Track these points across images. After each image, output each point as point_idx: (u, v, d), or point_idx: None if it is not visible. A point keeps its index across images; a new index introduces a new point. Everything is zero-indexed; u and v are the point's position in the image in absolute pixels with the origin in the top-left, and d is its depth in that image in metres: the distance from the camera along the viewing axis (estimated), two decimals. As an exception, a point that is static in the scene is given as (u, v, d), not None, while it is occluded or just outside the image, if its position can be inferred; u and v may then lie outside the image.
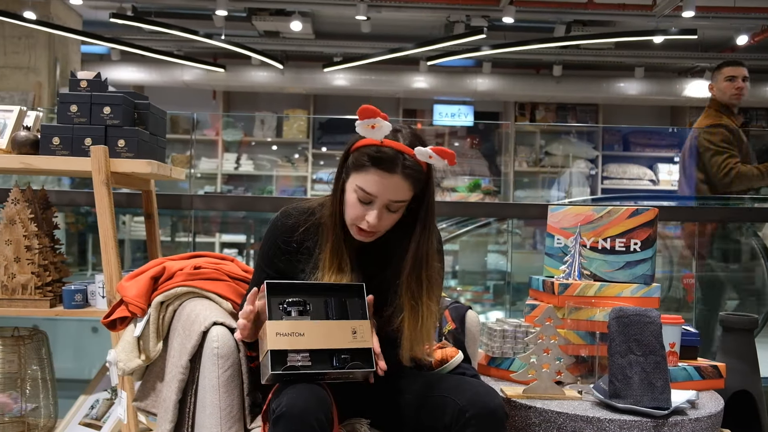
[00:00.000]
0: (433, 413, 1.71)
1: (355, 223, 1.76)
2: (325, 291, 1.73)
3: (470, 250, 6.13)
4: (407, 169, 1.69)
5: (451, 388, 1.72)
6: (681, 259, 5.50)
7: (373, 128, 1.68)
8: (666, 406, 1.85)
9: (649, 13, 6.50)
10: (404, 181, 1.69)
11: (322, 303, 1.71)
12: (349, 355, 1.67)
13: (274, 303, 1.68)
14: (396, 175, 1.68)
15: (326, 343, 1.67)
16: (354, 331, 1.69)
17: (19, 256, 2.49)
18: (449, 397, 1.69)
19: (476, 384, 1.75)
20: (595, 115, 9.27)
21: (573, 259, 2.23)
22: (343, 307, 1.72)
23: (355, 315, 1.72)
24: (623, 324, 1.93)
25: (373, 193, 1.70)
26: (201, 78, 8.30)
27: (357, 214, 1.74)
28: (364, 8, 6.38)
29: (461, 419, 1.65)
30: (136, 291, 1.98)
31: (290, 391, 1.59)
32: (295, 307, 1.69)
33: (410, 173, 1.70)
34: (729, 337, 2.72)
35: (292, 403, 1.56)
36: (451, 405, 1.68)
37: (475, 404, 1.65)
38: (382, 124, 1.68)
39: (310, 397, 1.58)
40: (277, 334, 1.64)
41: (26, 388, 2.71)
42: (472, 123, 8.85)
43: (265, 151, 8.59)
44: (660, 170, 8.64)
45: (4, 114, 2.60)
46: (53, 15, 6.79)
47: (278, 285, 1.71)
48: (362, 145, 1.71)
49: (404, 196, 1.72)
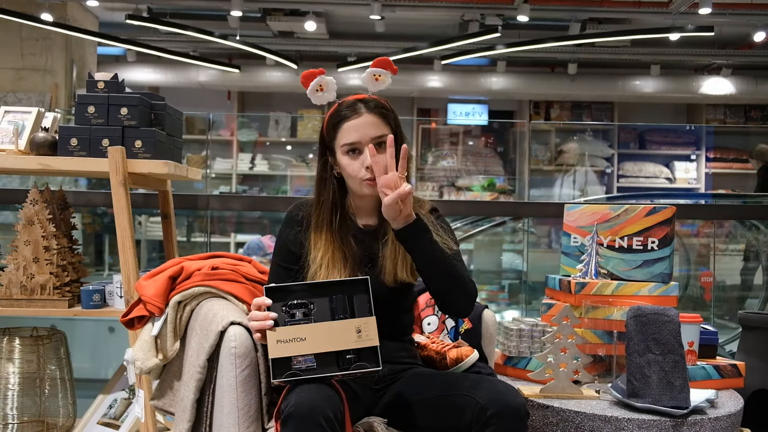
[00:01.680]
0: (454, 412, 1.71)
1: (360, 177, 1.82)
2: (330, 289, 1.71)
3: (485, 249, 6.12)
4: (369, 105, 1.84)
5: (471, 386, 1.72)
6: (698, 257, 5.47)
7: (322, 90, 1.86)
8: (685, 406, 1.84)
9: (665, 10, 6.46)
10: (373, 116, 1.83)
11: (327, 302, 1.70)
12: (354, 354, 1.67)
13: (277, 307, 1.68)
14: (363, 114, 1.83)
15: (329, 345, 1.66)
16: (358, 330, 1.67)
17: (38, 256, 2.51)
18: (470, 396, 1.69)
19: (497, 382, 1.75)
20: (610, 113, 9.22)
21: (590, 258, 2.22)
22: (350, 304, 1.70)
23: (362, 312, 1.69)
24: (641, 323, 1.92)
25: (356, 140, 1.82)
26: (216, 78, 8.33)
27: (356, 167, 1.83)
28: (378, 8, 6.37)
29: (482, 417, 1.64)
30: (154, 290, 1.99)
31: (298, 390, 1.61)
32: (298, 309, 1.68)
33: (374, 108, 1.84)
34: (748, 336, 2.70)
35: (300, 402, 1.57)
36: (471, 403, 1.67)
37: (496, 402, 1.65)
38: (326, 81, 1.85)
39: (317, 396, 1.59)
40: (278, 341, 1.65)
41: (45, 387, 2.73)
42: (486, 122, 8.83)
43: (280, 151, 8.60)
44: (676, 168, 8.58)
45: (23, 115, 2.62)
46: (70, 17, 6.84)
47: (280, 288, 1.71)
48: (328, 118, 1.88)
49: (382, 130, 1.83)
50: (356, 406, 1.76)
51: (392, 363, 1.89)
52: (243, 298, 1.98)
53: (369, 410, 1.84)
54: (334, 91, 1.87)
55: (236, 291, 1.98)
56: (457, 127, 8.67)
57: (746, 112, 9.01)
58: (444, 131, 8.53)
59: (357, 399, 1.78)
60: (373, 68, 1.86)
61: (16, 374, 2.68)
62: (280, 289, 1.71)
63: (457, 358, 2.02)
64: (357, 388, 1.80)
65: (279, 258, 1.92)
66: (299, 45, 8.08)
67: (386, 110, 1.86)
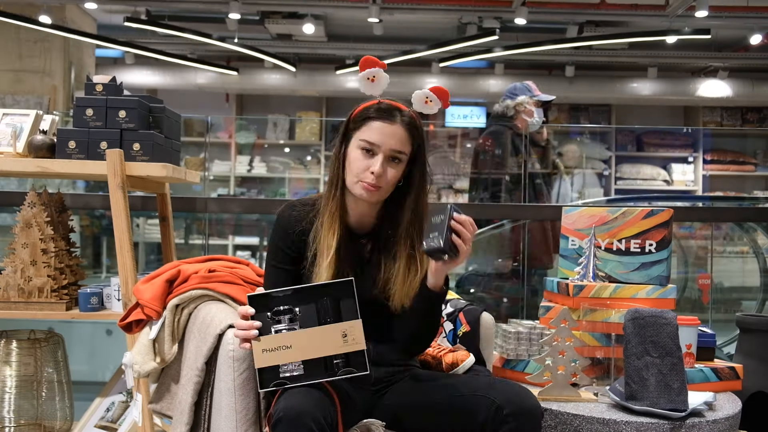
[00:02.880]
0: (466, 412, 1.71)
1: (359, 177, 1.80)
2: (315, 293, 1.70)
3: (483, 251, 6.11)
4: (405, 119, 1.81)
5: (484, 387, 1.73)
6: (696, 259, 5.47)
7: (373, 81, 1.82)
8: (683, 408, 1.84)
9: (662, 13, 6.46)
10: (404, 130, 1.80)
11: (313, 307, 1.69)
12: (342, 359, 1.67)
13: (262, 315, 1.68)
14: (396, 123, 1.80)
15: (315, 351, 1.66)
16: (344, 334, 1.67)
17: (36, 259, 2.51)
18: (484, 396, 1.70)
19: (511, 383, 1.77)
20: (608, 115, 9.23)
21: (588, 261, 2.22)
22: (336, 307, 1.69)
23: (348, 315, 1.69)
24: (639, 325, 1.92)
25: (377, 142, 1.79)
26: (214, 81, 8.33)
27: (361, 166, 1.79)
28: (376, 10, 6.38)
29: (498, 417, 1.65)
30: (151, 294, 1.99)
31: (288, 395, 1.62)
32: (284, 316, 1.68)
33: (408, 124, 1.81)
34: (746, 338, 2.70)
35: (289, 407, 1.58)
36: (486, 403, 1.68)
37: (512, 402, 1.66)
38: (381, 76, 1.82)
39: (306, 400, 1.59)
40: (263, 351, 1.65)
41: (42, 390, 2.72)
42: (484, 124, 8.83)
43: (278, 153, 8.60)
44: (674, 170, 8.59)
45: (21, 118, 2.62)
46: (68, 19, 6.84)
47: (263, 295, 1.70)
48: (362, 108, 1.84)
49: (404, 147, 1.80)
50: (351, 409, 1.76)
51: (387, 366, 1.89)
52: (241, 300, 1.98)
53: (367, 413, 1.83)
54: (383, 89, 1.84)
55: (234, 293, 1.98)
56: (456, 130, 8.67)
57: (743, 115, 9.03)
58: (442, 134, 8.53)
59: (352, 402, 1.78)
60: (429, 92, 1.84)
61: (13, 377, 2.68)
62: (263, 297, 1.70)
63: (453, 363, 2.03)
64: (351, 390, 1.79)
65: (274, 260, 1.89)
66: (297, 48, 8.08)
67: (417, 131, 1.83)
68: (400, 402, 1.84)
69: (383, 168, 1.78)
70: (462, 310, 2.26)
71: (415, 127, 1.82)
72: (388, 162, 1.79)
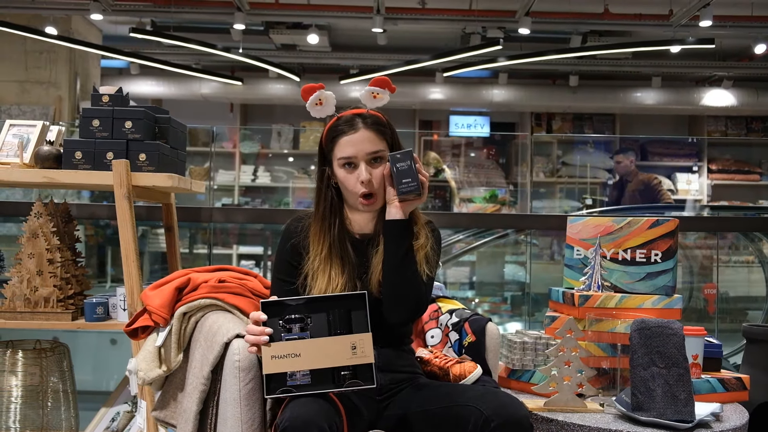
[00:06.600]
0: (457, 423, 1.71)
1: (355, 191, 1.86)
2: (327, 303, 1.71)
3: (487, 261, 6.11)
4: (367, 121, 1.87)
5: (475, 397, 1.72)
6: (701, 269, 5.45)
7: (321, 104, 1.90)
8: (690, 419, 1.84)
9: (666, 22, 6.47)
10: (369, 131, 1.86)
11: (324, 317, 1.70)
12: (349, 371, 1.67)
13: (273, 322, 1.68)
14: (360, 129, 1.86)
15: (324, 362, 1.66)
16: (353, 347, 1.67)
17: (42, 269, 2.52)
18: (473, 407, 1.69)
19: (501, 394, 1.75)
20: (612, 125, 9.23)
21: (593, 271, 2.22)
22: (347, 319, 1.71)
23: (359, 328, 1.70)
24: (645, 336, 1.92)
25: (352, 154, 1.85)
26: (219, 91, 8.36)
27: (351, 182, 1.86)
28: (380, 21, 6.40)
29: (486, 429, 1.65)
30: (160, 301, 1.99)
31: (294, 404, 1.62)
32: (295, 324, 1.69)
33: (372, 124, 1.87)
34: (753, 349, 2.69)
35: (296, 416, 1.58)
36: (475, 414, 1.68)
37: (500, 414, 1.65)
38: (326, 96, 1.89)
39: (312, 409, 1.60)
40: (272, 357, 1.65)
41: (48, 400, 2.72)
42: (488, 134, 8.84)
43: (282, 163, 8.62)
44: (678, 180, 8.57)
45: (28, 129, 2.64)
46: (74, 30, 6.88)
47: (276, 303, 1.71)
48: (327, 129, 1.91)
49: (378, 146, 1.87)
50: (357, 418, 1.76)
51: (393, 372, 1.89)
52: (248, 312, 1.98)
53: (372, 423, 1.83)
54: (333, 105, 1.91)
55: (242, 305, 1.98)
56: (459, 139, 8.68)
57: (747, 124, 9.03)
58: (446, 143, 8.54)
59: (358, 412, 1.78)
60: (371, 87, 1.89)
61: (19, 387, 2.68)
62: (276, 304, 1.71)
63: (461, 375, 2.02)
64: (357, 400, 1.79)
65: (279, 272, 1.93)
66: (302, 58, 8.11)
67: (383, 126, 1.89)
68: (403, 412, 1.84)
69: (368, 172, 1.85)
70: (467, 320, 2.26)
71: (380, 124, 1.89)
72: (371, 165, 1.86)
